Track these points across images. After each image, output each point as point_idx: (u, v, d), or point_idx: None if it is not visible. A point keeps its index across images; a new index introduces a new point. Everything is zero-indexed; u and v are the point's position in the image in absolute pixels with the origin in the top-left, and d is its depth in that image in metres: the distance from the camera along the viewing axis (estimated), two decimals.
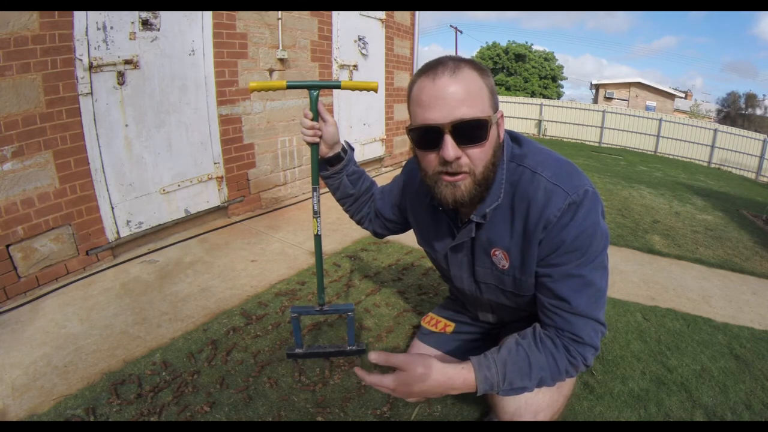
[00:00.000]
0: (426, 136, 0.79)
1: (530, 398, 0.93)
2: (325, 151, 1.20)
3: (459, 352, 1.20)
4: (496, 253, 0.93)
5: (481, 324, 1.25)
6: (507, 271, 0.94)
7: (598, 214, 0.84)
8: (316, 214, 1.35)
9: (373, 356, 0.81)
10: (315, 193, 1.33)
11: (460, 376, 0.86)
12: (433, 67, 0.78)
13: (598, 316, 0.86)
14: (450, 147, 0.76)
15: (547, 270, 0.87)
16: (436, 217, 1.04)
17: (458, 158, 0.78)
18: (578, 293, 0.84)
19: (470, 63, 0.79)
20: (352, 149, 1.25)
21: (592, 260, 0.84)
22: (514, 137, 0.93)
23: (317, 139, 1.17)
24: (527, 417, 0.94)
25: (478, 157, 0.79)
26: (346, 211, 1.30)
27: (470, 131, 0.77)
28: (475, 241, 0.96)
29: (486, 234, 0.93)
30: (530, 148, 0.91)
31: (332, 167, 1.21)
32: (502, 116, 0.84)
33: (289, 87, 1.23)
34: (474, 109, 0.76)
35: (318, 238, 1.38)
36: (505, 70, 26.87)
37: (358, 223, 1.31)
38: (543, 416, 0.94)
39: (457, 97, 0.75)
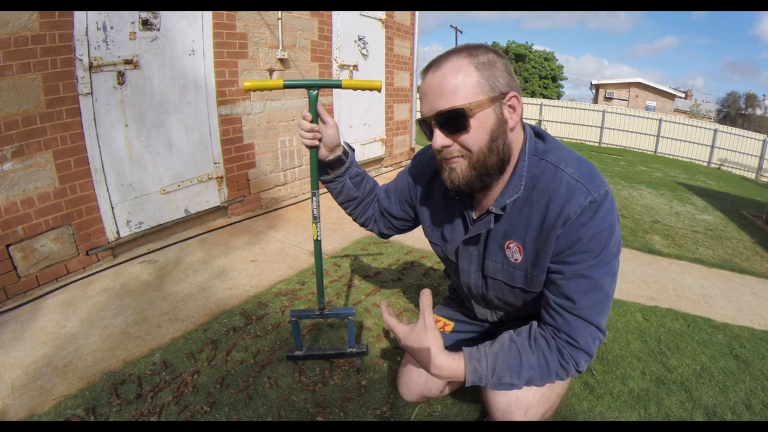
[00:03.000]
0: (424, 128, 0.86)
1: (521, 395, 0.94)
2: (325, 154, 1.14)
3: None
4: (510, 245, 0.93)
5: (479, 323, 1.25)
6: (519, 265, 0.93)
7: (615, 217, 0.84)
8: (316, 219, 1.30)
9: (385, 309, 0.94)
10: (314, 198, 1.27)
11: (450, 358, 0.89)
12: (430, 62, 0.84)
13: (599, 322, 0.86)
14: (437, 137, 0.82)
15: (559, 267, 0.86)
16: (450, 207, 1.03)
17: (446, 146, 0.83)
18: (586, 295, 0.84)
19: (461, 51, 0.82)
20: (353, 150, 1.21)
21: (604, 264, 0.84)
22: (538, 133, 0.94)
23: (317, 142, 1.12)
24: (518, 413, 0.94)
25: (467, 143, 0.82)
26: (350, 214, 1.26)
27: (451, 120, 0.80)
28: (489, 234, 0.95)
29: (503, 226, 0.93)
30: (554, 144, 0.92)
31: (333, 171, 1.16)
32: (513, 97, 0.82)
33: (286, 86, 1.16)
34: (450, 100, 0.79)
35: (318, 244, 1.34)
36: None
37: (363, 225, 1.27)
38: (534, 413, 0.95)
39: (436, 90, 0.80)
